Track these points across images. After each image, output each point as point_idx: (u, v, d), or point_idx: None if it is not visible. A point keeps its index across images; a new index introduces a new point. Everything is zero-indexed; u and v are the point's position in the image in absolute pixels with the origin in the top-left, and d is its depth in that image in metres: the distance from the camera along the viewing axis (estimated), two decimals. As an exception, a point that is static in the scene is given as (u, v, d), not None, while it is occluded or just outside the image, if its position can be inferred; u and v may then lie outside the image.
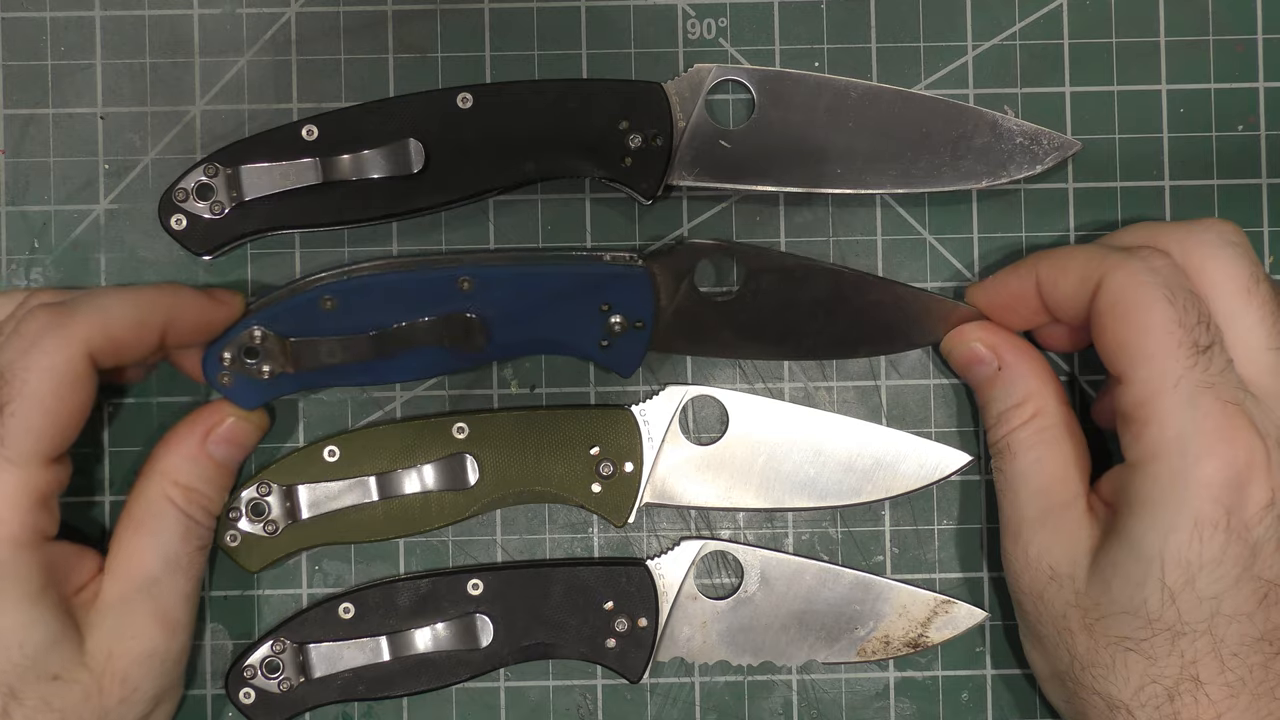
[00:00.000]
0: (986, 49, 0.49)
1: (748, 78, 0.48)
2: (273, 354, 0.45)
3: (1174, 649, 0.40)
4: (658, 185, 0.47)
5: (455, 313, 0.45)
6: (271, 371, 0.45)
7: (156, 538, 0.44)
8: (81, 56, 0.49)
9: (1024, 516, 0.44)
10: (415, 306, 0.45)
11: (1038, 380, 0.45)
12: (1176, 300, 0.41)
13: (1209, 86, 0.49)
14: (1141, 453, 0.41)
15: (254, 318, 0.45)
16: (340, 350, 0.45)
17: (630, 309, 0.46)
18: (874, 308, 0.47)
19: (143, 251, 0.49)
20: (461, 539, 0.49)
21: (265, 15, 0.49)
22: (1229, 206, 0.49)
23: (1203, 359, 0.40)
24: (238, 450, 0.46)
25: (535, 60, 0.49)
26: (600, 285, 0.46)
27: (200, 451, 0.45)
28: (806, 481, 0.48)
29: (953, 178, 0.48)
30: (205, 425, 0.46)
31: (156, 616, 0.44)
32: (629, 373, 0.47)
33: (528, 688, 0.49)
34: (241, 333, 0.45)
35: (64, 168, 0.49)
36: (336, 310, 0.45)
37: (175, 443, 0.45)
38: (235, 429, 0.46)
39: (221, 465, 0.46)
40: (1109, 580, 0.41)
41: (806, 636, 0.48)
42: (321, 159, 0.46)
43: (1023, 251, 0.49)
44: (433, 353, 0.46)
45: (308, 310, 0.45)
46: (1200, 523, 0.39)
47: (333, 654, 0.47)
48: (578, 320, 0.46)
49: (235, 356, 0.45)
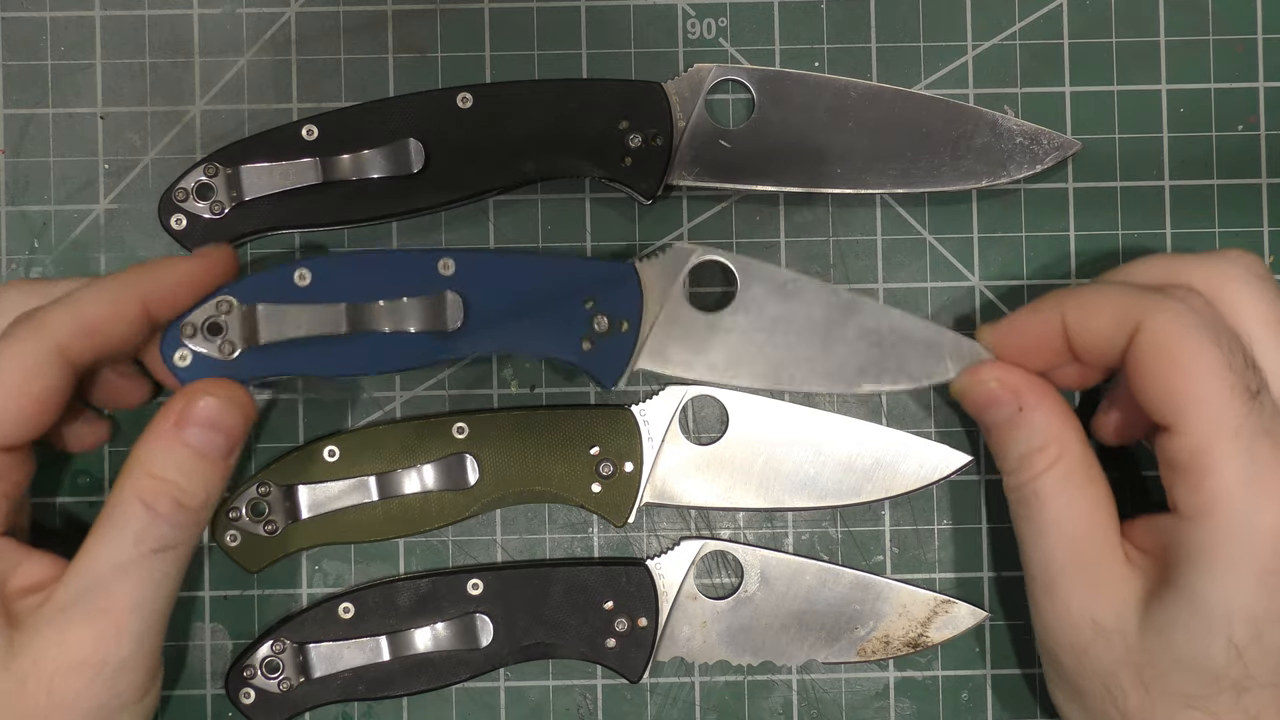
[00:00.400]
0: (986, 49, 0.49)
1: (748, 78, 0.48)
2: (237, 327, 0.42)
3: (1238, 704, 0.39)
4: (658, 185, 0.47)
5: (433, 293, 0.44)
6: (233, 347, 0.43)
7: (107, 539, 0.40)
8: (81, 56, 0.49)
9: (1059, 568, 0.42)
10: (393, 285, 0.43)
11: (1061, 421, 0.43)
12: (1223, 343, 0.39)
13: (1209, 86, 0.49)
14: (1200, 504, 0.39)
15: (224, 289, 0.43)
16: (308, 320, 0.43)
17: (616, 308, 0.45)
18: (872, 336, 0.46)
19: (143, 251, 0.49)
20: (461, 539, 0.49)
21: (265, 15, 0.49)
22: (1229, 206, 0.49)
23: (1255, 404, 0.39)
24: (218, 436, 0.41)
25: (535, 60, 0.49)
26: (585, 280, 0.45)
27: (174, 437, 0.41)
28: (806, 481, 0.48)
29: (953, 177, 0.48)
30: (178, 407, 0.41)
31: (94, 624, 0.40)
32: (612, 383, 0.45)
33: (528, 688, 0.49)
34: (208, 304, 0.43)
35: (64, 168, 0.49)
36: (311, 285, 0.43)
37: (149, 429, 0.41)
38: (211, 410, 0.41)
39: (200, 453, 0.41)
40: (1168, 636, 0.39)
41: (806, 636, 0.48)
42: (321, 159, 0.46)
43: (1023, 251, 0.49)
44: (408, 338, 0.43)
45: (281, 284, 0.43)
46: (1266, 575, 0.38)
47: (333, 654, 0.47)
48: (560, 314, 0.44)
49: (197, 330, 0.42)
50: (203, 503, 0.41)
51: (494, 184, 0.47)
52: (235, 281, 0.43)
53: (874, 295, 0.49)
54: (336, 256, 0.44)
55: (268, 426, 0.48)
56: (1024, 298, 0.49)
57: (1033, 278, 0.49)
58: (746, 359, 0.46)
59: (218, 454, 0.42)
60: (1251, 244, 0.49)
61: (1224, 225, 0.49)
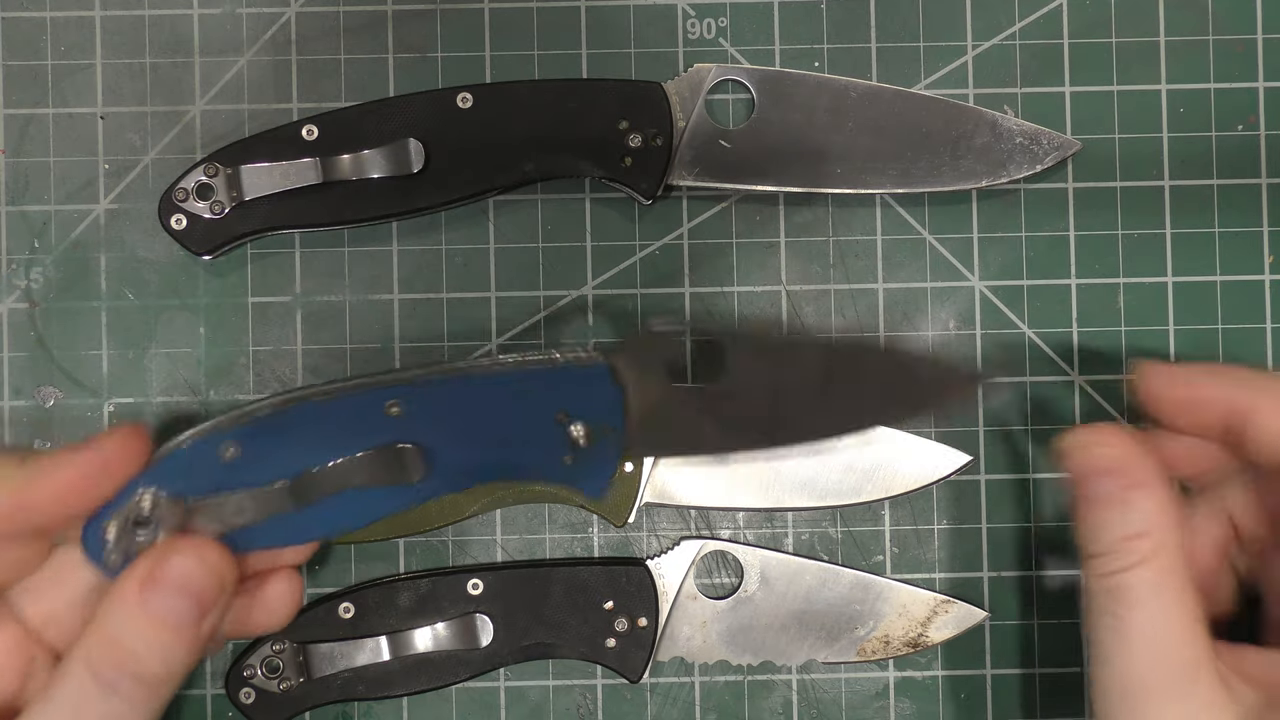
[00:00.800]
0: (986, 49, 0.49)
1: (748, 78, 0.48)
2: (167, 522, 0.36)
3: None
4: (658, 185, 0.47)
5: (385, 444, 0.38)
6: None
7: (45, 712, 0.34)
8: (81, 56, 0.49)
9: (1148, 682, 0.37)
10: (336, 444, 0.37)
11: (1164, 512, 0.38)
12: None
13: (1209, 86, 0.49)
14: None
15: (140, 478, 0.37)
16: (251, 507, 0.37)
17: (594, 414, 0.39)
18: (876, 378, 0.43)
19: (143, 251, 0.49)
20: (461, 539, 0.49)
21: (265, 15, 0.49)
22: (1229, 206, 0.49)
23: None
24: (186, 602, 0.35)
25: (535, 60, 0.49)
26: (554, 391, 0.39)
27: (136, 600, 0.35)
28: (806, 481, 0.48)
29: (952, 177, 0.48)
30: (143, 567, 0.35)
31: None
32: (599, 493, 0.41)
33: (528, 688, 0.49)
34: (126, 501, 0.36)
35: (64, 168, 0.49)
36: (241, 459, 0.37)
37: (112, 588, 0.36)
38: (181, 572, 0.35)
39: (163, 621, 0.35)
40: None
41: (806, 636, 0.48)
42: (321, 159, 0.46)
43: (1023, 251, 0.49)
44: (365, 496, 0.38)
45: (205, 462, 0.37)
46: None
47: (333, 654, 0.47)
48: (532, 435, 0.39)
49: (122, 531, 0.36)
50: (161, 678, 0.35)
51: (494, 184, 0.47)
52: (151, 468, 0.37)
53: (874, 295, 0.49)
54: (262, 420, 0.37)
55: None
56: (1024, 297, 0.49)
57: (1033, 278, 0.49)
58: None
59: (183, 623, 0.35)
60: (1251, 244, 0.49)
61: (1224, 225, 0.49)
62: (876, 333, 0.49)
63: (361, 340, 0.49)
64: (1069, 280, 0.49)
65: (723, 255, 0.49)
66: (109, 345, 0.48)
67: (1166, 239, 0.49)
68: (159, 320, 0.48)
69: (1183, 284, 0.49)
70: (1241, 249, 0.49)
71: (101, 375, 0.48)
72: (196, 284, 0.48)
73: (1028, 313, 0.49)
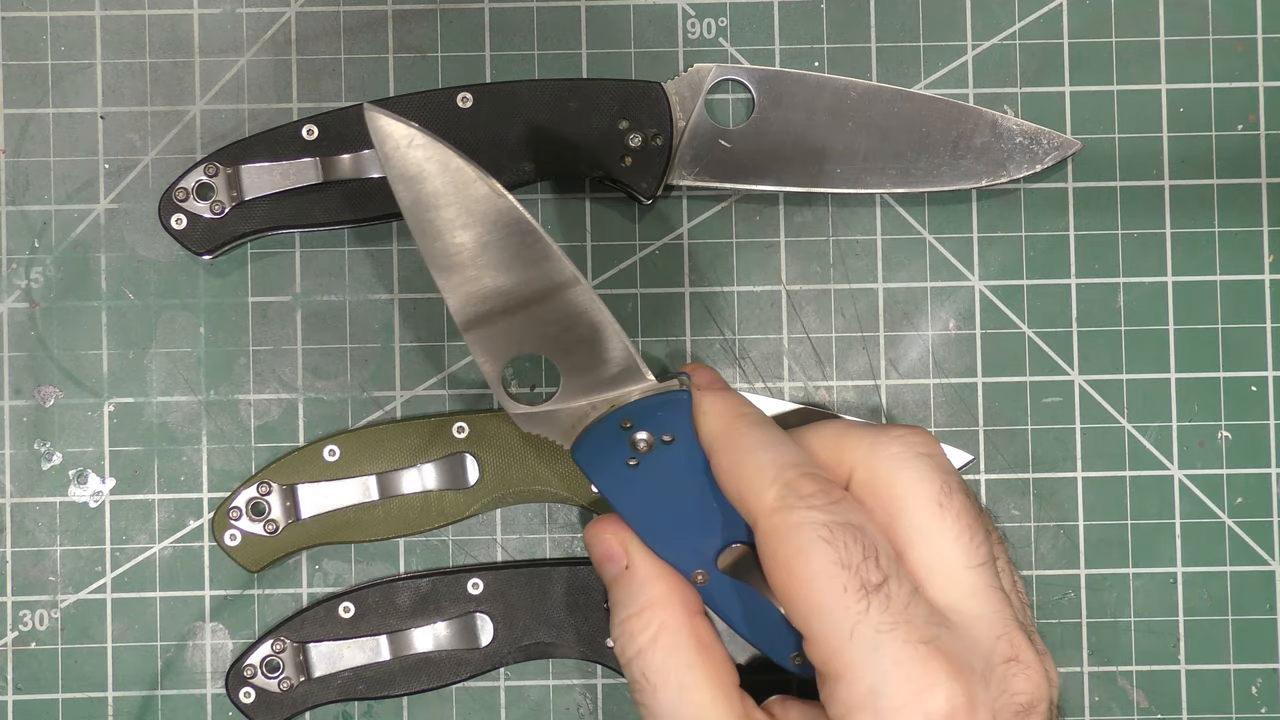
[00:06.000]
0: (986, 49, 0.49)
1: (748, 77, 0.48)
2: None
3: None
4: (658, 185, 0.47)
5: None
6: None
7: None
8: (81, 56, 0.49)
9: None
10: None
11: (664, 585, 0.39)
12: (836, 538, 0.36)
13: (1209, 86, 0.49)
14: (837, 712, 0.36)
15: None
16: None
17: None
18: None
19: (143, 251, 0.49)
20: (461, 539, 0.49)
21: (265, 15, 0.49)
22: (1228, 206, 0.49)
23: (876, 599, 0.35)
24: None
25: (535, 60, 0.49)
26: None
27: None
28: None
29: (952, 177, 0.48)
30: None
31: None
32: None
33: (528, 687, 0.49)
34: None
35: (64, 167, 0.49)
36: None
37: None
38: None
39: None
40: None
41: None
42: (321, 159, 0.46)
43: (1022, 251, 0.49)
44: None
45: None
46: None
47: (333, 653, 0.47)
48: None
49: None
50: None
51: (494, 184, 0.47)
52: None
53: (874, 295, 0.49)
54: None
55: (268, 426, 0.49)
56: (1024, 297, 0.49)
57: (1032, 277, 0.49)
58: None
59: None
60: (1251, 244, 0.49)
61: (1223, 225, 0.49)
62: (876, 332, 0.49)
63: (361, 340, 0.49)
64: (1069, 280, 0.49)
65: (723, 255, 0.49)
66: (109, 345, 0.48)
67: (1166, 239, 0.49)
68: (159, 320, 0.49)
69: (1183, 284, 0.49)
70: (1241, 249, 0.49)
71: (101, 375, 0.48)
72: (196, 284, 0.48)
73: (1028, 312, 0.49)
